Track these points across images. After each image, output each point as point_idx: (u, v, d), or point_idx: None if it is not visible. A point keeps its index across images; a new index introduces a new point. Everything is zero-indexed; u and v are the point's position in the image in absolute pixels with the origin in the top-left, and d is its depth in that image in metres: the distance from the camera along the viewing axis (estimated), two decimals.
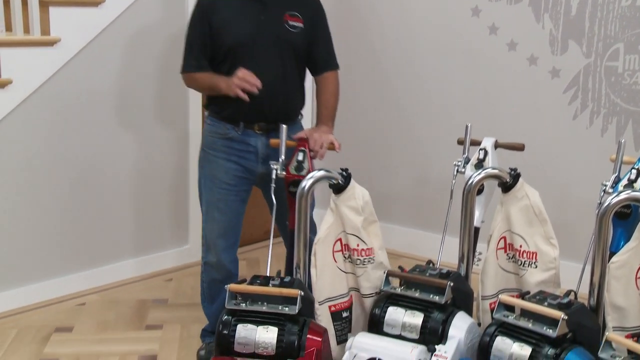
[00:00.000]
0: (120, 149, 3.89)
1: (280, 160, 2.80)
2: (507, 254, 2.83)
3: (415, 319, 2.50)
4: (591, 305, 2.48)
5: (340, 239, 2.70)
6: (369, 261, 2.68)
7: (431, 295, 2.53)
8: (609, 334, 2.18)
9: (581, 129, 3.83)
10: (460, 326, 2.48)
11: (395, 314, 2.53)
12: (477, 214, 2.98)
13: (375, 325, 2.57)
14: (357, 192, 2.68)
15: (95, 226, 3.87)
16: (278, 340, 2.33)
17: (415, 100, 4.38)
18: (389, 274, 2.65)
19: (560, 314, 2.24)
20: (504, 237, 2.82)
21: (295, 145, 2.84)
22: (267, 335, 2.33)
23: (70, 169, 3.72)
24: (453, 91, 4.23)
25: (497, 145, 3.10)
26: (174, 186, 4.15)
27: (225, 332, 2.36)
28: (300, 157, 2.81)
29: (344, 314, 2.72)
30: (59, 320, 3.51)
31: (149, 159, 4.01)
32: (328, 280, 2.67)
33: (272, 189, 2.77)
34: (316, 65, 3.07)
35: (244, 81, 2.82)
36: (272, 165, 2.80)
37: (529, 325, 2.30)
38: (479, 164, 3.03)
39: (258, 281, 2.46)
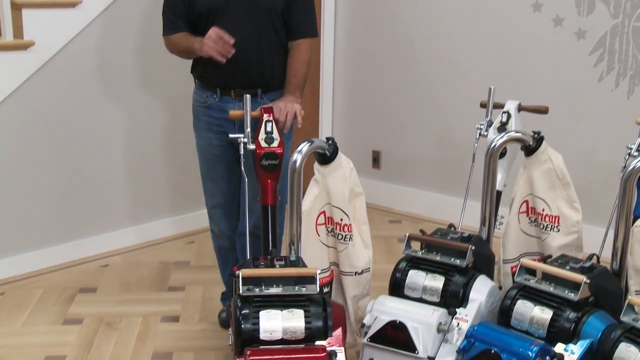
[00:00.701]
0: (146, 110, 3.90)
1: (246, 132, 2.66)
2: (529, 218, 2.82)
3: (436, 282, 2.50)
4: (614, 269, 2.47)
5: (324, 212, 2.63)
6: (350, 238, 2.61)
7: (452, 259, 2.52)
8: (632, 297, 2.17)
9: (607, 91, 3.77)
10: (481, 290, 2.48)
11: (416, 277, 2.54)
12: (500, 177, 2.96)
13: (396, 288, 2.57)
14: (343, 161, 2.62)
15: (118, 188, 3.90)
16: (306, 323, 2.19)
17: (438, 63, 4.33)
18: (410, 238, 2.64)
19: (582, 278, 2.23)
20: (526, 201, 2.81)
21: (259, 116, 2.69)
22: (293, 319, 2.19)
23: (99, 129, 3.75)
24: (476, 53, 4.17)
25: (520, 108, 3.07)
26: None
27: (247, 321, 2.18)
28: (269, 127, 2.68)
29: (324, 289, 2.65)
30: (83, 281, 3.56)
31: (178, 120, 4.01)
32: (309, 255, 2.58)
33: (242, 162, 2.66)
34: (290, 30, 2.90)
35: (217, 43, 2.66)
36: (239, 139, 2.66)
37: (550, 288, 2.29)
38: (502, 127, 3.00)
39: (262, 263, 2.35)
